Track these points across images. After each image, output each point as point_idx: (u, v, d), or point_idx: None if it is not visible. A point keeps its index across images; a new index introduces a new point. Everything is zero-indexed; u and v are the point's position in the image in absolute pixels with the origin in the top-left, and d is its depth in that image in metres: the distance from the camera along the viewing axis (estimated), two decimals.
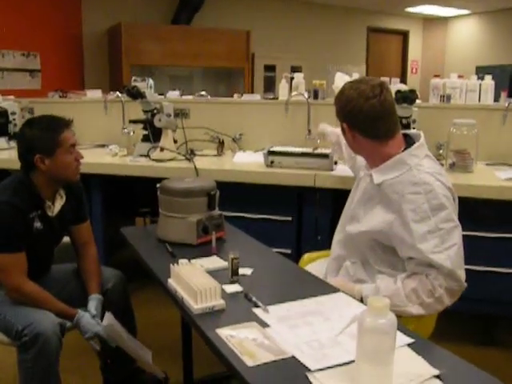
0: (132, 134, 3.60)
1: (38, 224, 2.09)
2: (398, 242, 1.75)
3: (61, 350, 1.95)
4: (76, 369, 2.59)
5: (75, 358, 2.63)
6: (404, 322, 1.61)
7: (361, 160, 2.05)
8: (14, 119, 3.87)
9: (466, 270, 2.58)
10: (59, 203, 2.18)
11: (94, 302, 2.10)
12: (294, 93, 3.62)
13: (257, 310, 1.49)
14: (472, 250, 2.61)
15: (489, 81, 3.50)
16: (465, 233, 2.63)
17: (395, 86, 3.55)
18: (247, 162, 3.20)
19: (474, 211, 2.67)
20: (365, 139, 1.82)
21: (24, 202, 2.03)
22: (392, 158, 1.80)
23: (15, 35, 6.34)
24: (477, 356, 1.53)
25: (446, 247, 1.68)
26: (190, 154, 3.31)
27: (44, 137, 2.04)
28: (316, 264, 2.19)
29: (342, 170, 2.76)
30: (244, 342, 1.31)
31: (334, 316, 1.46)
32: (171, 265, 1.69)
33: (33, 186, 2.08)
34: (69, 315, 2.03)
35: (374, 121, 1.79)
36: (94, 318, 2.02)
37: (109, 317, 2.01)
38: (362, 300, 1.69)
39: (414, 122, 3.07)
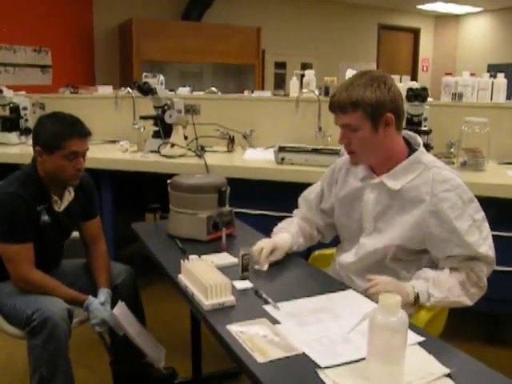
0: (142, 129, 3.61)
1: (45, 217, 2.11)
2: (436, 241, 1.68)
3: (70, 337, 1.97)
4: (85, 362, 2.61)
5: (85, 351, 2.65)
6: (414, 321, 1.61)
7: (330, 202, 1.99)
8: (25, 114, 3.91)
9: None
10: (67, 199, 2.20)
11: (103, 294, 2.12)
12: (304, 90, 3.62)
13: (267, 307, 1.49)
14: None
15: (501, 79, 3.47)
16: None
17: (406, 83, 3.53)
18: (257, 159, 3.20)
19: (486, 210, 2.64)
20: (396, 131, 1.72)
21: (31, 194, 2.06)
22: (404, 159, 1.74)
23: (27, 31, 6.37)
24: (486, 355, 1.52)
25: (483, 237, 1.67)
26: (201, 151, 3.31)
27: (50, 134, 2.04)
28: None
29: None
30: (254, 338, 1.31)
31: (345, 313, 1.45)
32: (181, 261, 1.69)
33: (40, 180, 2.10)
34: (79, 301, 2.06)
35: (403, 106, 1.75)
36: (102, 305, 2.05)
37: (121, 305, 2.03)
38: (418, 296, 1.63)
39: (426, 120, 3.06)
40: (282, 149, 3.01)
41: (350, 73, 3.53)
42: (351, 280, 1.86)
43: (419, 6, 9.85)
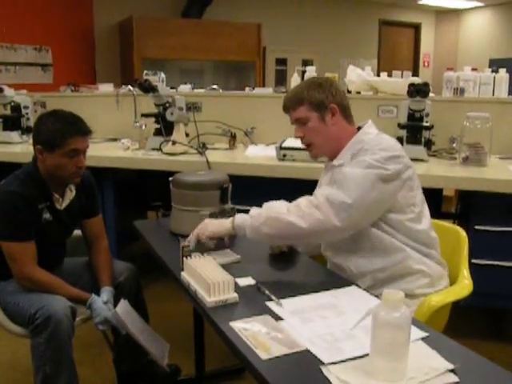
0: (144, 127, 3.60)
1: (47, 215, 2.11)
2: None
3: (73, 334, 1.97)
4: (89, 361, 2.61)
5: (88, 350, 2.66)
6: (417, 316, 1.61)
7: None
8: (26, 113, 3.90)
9: (478, 264, 2.59)
10: (68, 197, 2.20)
11: (106, 293, 2.12)
12: None
13: (270, 304, 1.49)
14: (484, 244, 2.62)
15: (503, 74, 3.46)
16: (477, 227, 2.65)
17: (407, 79, 3.53)
18: (259, 156, 3.20)
19: (487, 205, 2.65)
20: (343, 120, 1.86)
21: (32, 193, 2.06)
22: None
23: (27, 30, 6.37)
24: (487, 350, 1.51)
25: (364, 167, 1.71)
26: (202, 148, 3.31)
27: (51, 133, 2.03)
28: None
29: None
30: (257, 335, 1.31)
31: (348, 309, 1.45)
32: (184, 258, 1.70)
33: (41, 178, 2.10)
34: (82, 299, 2.07)
35: (346, 99, 1.92)
36: (105, 304, 2.05)
37: (124, 303, 2.03)
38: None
39: (427, 115, 3.05)
40: (283, 146, 3.01)
41: (351, 69, 3.53)
42: (329, 259, 1.96)
43: (420, 1, 9.83)
